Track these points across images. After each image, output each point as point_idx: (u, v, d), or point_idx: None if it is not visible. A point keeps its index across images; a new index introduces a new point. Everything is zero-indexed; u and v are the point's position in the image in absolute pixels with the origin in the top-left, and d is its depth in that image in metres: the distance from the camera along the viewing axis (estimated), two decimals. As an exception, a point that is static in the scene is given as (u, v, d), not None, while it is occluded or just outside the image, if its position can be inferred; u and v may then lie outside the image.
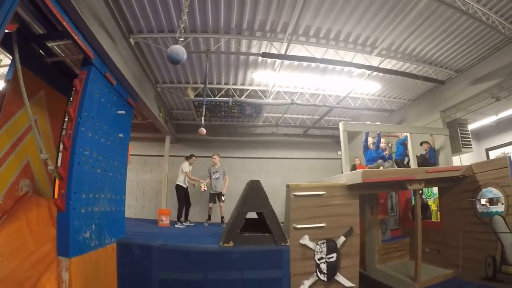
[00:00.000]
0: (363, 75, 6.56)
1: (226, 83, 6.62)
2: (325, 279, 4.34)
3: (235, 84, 6.68)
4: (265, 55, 5.02)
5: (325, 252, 4.38)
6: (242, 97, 6.58)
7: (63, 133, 4.48)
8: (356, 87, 7.07)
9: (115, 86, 4.54)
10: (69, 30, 3.31)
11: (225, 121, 8.54)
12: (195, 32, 4.77)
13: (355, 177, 4.51)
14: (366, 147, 6.93)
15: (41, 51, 4.19)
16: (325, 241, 4.41)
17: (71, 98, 3.89)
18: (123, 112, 4.82)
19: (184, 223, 6.91)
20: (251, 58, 5.65)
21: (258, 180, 4.71)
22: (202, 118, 5.65)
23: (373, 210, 5.72)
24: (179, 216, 6.86)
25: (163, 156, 8.09)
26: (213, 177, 7.12)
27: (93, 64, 3.85)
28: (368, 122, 6.78)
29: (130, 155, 8.42)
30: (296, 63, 5.86)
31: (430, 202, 7.27)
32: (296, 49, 5.41)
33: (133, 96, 5.19)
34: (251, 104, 6.88)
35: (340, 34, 5.33)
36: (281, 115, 8.60)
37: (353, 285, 4.37)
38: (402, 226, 6.00)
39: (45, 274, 3.24)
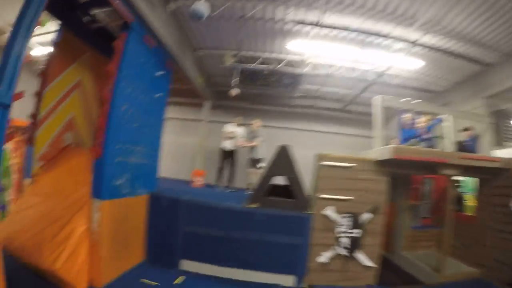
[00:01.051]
0: (404, 50, 6.02)
1: (263, 51, 6.56)
2: (346, 254, 4.31)
3: (272, 52, 6.59)
4: (300, 22, 4.86)
5: (348, 226, 4.35)
6: (278, 66, 6.53)
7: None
8: (396, 63, 6.53)
9: (154, 48, 4.78)
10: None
11: (264, 90, 8.55)
12: (230, -3, 4.75)
13: (386, 152, 4.34)
14: (401, 125, 6.46)
15: (86, 17, 4.52)
16: (350, 214, 4.35)
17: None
18: (162, 73, 5.10)
19: (221, 186, 7.02)
20: (287, 26, 5.49)
21: (287, 146, 4.75)
22: (233, 80, 5.68)
23: (405, 194, 5.48)
24: (217, 178, 7.05)
25: (202, 120, 8.47)
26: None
27: (132, 27, 4.10)
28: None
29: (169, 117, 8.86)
30: (332, 33, 5.58)
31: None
32: (333, 18, 5.12)
33: (172, 59, 5.43)
34: (288, 73, 6.78)
35: (378, 2, 4.89)
36: (319, 87, 8.31)
37: (373, 265, 4.30)
38: (435, 216, 5.62)
39: (77, 213, 3.69)
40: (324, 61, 6.79)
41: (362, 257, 4.30)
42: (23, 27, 2.61)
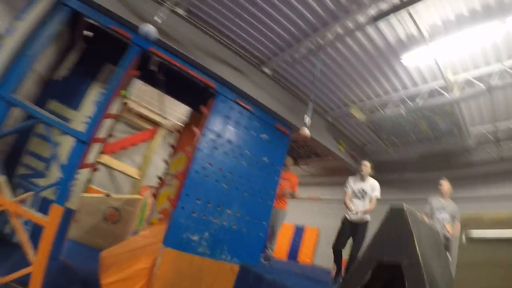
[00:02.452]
0: None
1: (395, 90, 4.77)
2: None
3: (405, 88, 4.64)
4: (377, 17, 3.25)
5: None
6: (420, 104, 4.30)
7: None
8: None
9: (254, 111, 4.96)
10: (187, 70, 4.38)
11: (424, 147, 5.69)
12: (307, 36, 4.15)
13: None
14: None
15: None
16: None
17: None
18: (266, 136, 5.03)
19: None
20: (392, 39, 3.85)
21: (402, 208, 2.87)
22: (308, 118, 4.12)
23: None
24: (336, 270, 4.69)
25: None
26: (436, 216, 4.39)
27: (218, 93, 4.62)
28: None
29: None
30: (452, 16, 3.32)
31: None
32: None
33: (285, 123, 5.25)
34: (436, 111, 4.28)
35: None
36: (495, 123, 4.56)
37: None
38: None
39: (149, 253, 4.02)
40: (473, 73, 4.07)
41: None
42: (105, 97, 3.80)
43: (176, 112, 7.51)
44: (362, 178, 4.59)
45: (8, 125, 3.46)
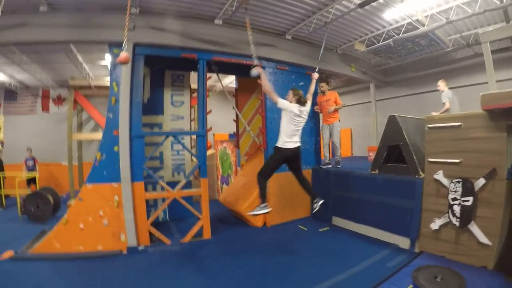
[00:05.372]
0: None
1: (383, 27, 6.62)
2: (458, 224, 3.99)
3: (390, 25, 6.49)
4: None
5: (460, 193, 4.01)
6: (400, 36, 6.29)
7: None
8: None
9: (289, 69, 6.92)
10: (239, 61, 6.24)
11: (414, 56, 7.74)
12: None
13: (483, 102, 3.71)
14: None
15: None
16: (460, 180, 4.02)
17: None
18: (302, 83, 6.95)
19: None
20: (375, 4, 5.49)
21: (394, 115, 5.22)
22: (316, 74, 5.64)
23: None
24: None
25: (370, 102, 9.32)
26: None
27: (264, 67, 6.39)
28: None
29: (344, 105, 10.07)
30: None
31: None
32: None
33: (310, 68, 6.86)
34: (416, 36, 6.19)
35: None
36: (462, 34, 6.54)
37: (489, 243, 3.67)
38: None
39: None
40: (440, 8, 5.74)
41: (477, 231, 3.77)
42: (201, 101, 5.84)
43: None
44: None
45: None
